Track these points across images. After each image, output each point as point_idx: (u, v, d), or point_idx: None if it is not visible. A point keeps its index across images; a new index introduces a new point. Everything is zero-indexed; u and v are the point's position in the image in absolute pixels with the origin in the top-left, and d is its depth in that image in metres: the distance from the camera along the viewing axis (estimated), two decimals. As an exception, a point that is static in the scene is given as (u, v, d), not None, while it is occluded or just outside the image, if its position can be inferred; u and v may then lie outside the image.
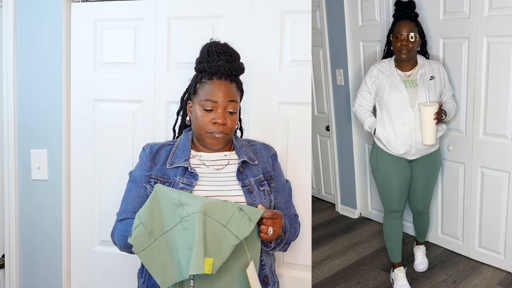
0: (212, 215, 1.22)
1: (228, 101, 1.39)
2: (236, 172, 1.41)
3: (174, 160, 1.41)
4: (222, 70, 1.39)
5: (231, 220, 1.23)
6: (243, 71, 1.47)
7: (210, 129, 1.38)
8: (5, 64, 1.93)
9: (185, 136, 1.49)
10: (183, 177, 1.37)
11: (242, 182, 1.40)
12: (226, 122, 1.38)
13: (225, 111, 1.39)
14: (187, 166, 1.39)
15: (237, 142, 1.50)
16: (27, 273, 1.99)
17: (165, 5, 1.80)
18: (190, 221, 1.20)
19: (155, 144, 1.49)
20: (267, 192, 1.44)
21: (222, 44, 1.44)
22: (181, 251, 1.23)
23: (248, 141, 1.56)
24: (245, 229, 1.23)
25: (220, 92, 1.38)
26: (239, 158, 1.44)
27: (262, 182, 1.44)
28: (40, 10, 1.90)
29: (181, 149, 1.44)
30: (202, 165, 1.43)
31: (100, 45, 1.89)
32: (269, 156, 1.53)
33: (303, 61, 1.71)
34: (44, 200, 1.94)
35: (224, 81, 1.40)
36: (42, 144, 1.93)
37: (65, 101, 1.91)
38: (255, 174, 1.44)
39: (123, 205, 1.43)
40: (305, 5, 1.68)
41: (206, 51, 1.43)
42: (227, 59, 1.41)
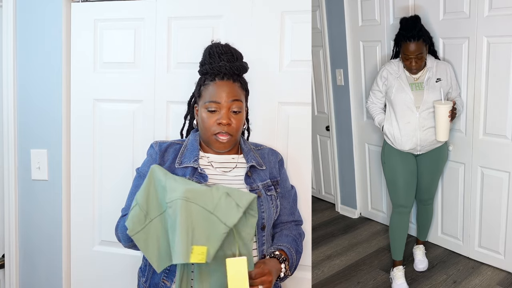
0: (196, 201, 1.17)
1: (231, 101, 1.38)
2: (244, 176, 1.41)
3: (183, 160, 1.41)
4: (224, 70, 1.39)
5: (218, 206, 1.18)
6: (246, 70, 1.47)
7: (215, 130, 1.37)
8: (5, 64, 1.93)
9: (193, 137, 1.48)
10: (192, 177, 1.37)
11: (250, 186, 1.39)
12: (231, 122, 1.37)
13: (229, 111, 1.38)
14: (196, 166, 1.39)
15: (245, 145, 1.50)
16: (27, 273, 1.99)
17: (165, 5, 1.80)
18: (173, 207, 1.18)
19: (163, 142, 1.48)
20: (274, 197, 1.44)
21: (223, 45, 1.44)
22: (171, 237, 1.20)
23: (255, 145, 1.55)
24: (233, 215, 1.18)
25: (223, 92, 1.38)
26: (247, 162, 1.44)
27: (270, 187, 1.44)
28: (40, 10, 1.90)
29: (190, 149, 1.44)
30: (210, 166, 1.42)
31: (100, 45, 1.89)
32: (276, 161, 1.53)
33: (303, 61, 1.71)
34: (44, 200, 1.94)
35: (227, 81, 1.39)
36: (42, 144, 1.93)
37: (65, 101, 1.91)
38: (262, 178, 1.44)
39: (129, 200, 1.43)
40: (305, 5, 1.68)
41: (207, 53, 1.43)
42: (229, 59, 1.41)
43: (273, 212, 1.42)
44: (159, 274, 1.34)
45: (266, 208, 1.38)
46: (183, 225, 1.15)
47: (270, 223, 1.42)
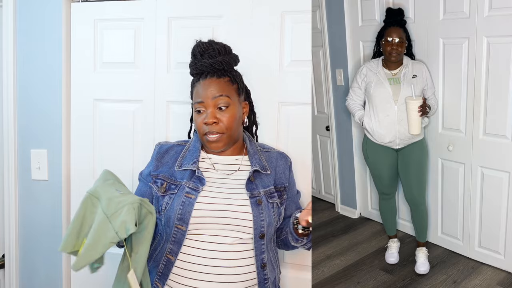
0: (101, 201, 1.17)
1: (215, 98, 1.34)
2: (246, 181, 1.37)
3: (183, 163, 1.39)
4: (204, 68, 1.36)
5: (117, 213, 1.15)
6: (235, 63, 1.43)
7: (204, 130, 1.35)
8: (5, 64, 1.93)
9: (196, 137, 1.46)
10: (189, 181, 1.35)
11: (251, 193, 1.35)
12: (217, 120, 1.34)
13: (215, 109, 1.35)
14: (195, 169, 1.36)
15: (252, 147, 1.46)
16: (27, 273, 1.99)
17: (165, 5, 1.80)
18: (83, 198, 1.21)
19: (166, 144, 1.47)
20: (276, 205, 1.40)
21: (206, 42, 1.41)
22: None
23: (263, 147, 1.51)
24: (127, 227, 1.14)
25: (206, 91, 1.35)
26: (251, 166, 1.40)
27: (272, 194, 1.40)
28: (40, 10, 1.90)
29: (191, 151, 1.42)
30: (212, 168, 1.40)
31: (100, 45, 1.89)
32: (286, 167, 1.49)
33: (303, 61, 1.71)
34: (44, 200, 1.94)
35: (210, 78, 1.36)
36: (42, 144, 1.93)
37: (65, 101, 1.91)
38: (265, 185, 1.40)
39: None
40: (305, 5, 1.68)
41: (192, 53, 1.41)
42: (210, 55, 1.37)
43: (274, 220, 1.38)
44: (152, 276, 1.34)
45: (266, 216, 1.35)
46: (77, 218, 1.18)
47: (270, 231, 1.38)
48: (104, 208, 1.16)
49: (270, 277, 1.38)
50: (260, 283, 1.35)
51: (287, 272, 1.75)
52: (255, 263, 1.34)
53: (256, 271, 1.34)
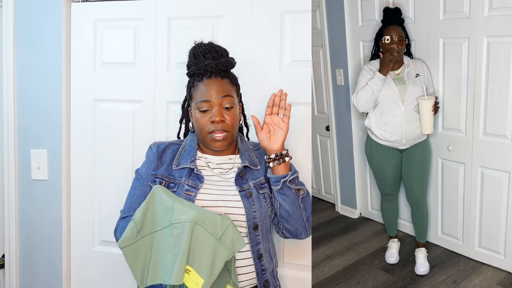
0: (206, 226, 1.19)
1: (222, 97, 1.37)
2: (236, 177, 1.40)
3: (180, 161, 1.41)
4: (210, 68, 1.38)
5: (226, 234, 1.20)
6: (233, 65, 1.46)
7: (210, 128, 1.37)
8: (5, 64, 1.93)
9: (191, 137, 1.48)
10: (188, 178, 1.37)
11: (241, 187, 1.39)
12: (224, 119, 1.37)
13: (221, 108, 1.37)
14: (193, 167, 1.38)
15: (242, 145, 1.49)
16: (27, 273, 1.99)
17: (165, 5, 1.80)
18: (180, 228, 1.19)
19: (162, 143, 1.48)
20: (268, 195, 1.42)
21: (207, 43, 1.44)
22: (164, 256, 1.22)
23: (254, 145, 1.54)
24: (238, 244, 1.21)
25: (212, 90, 1.37)
26: (241, 162, 1.43)
27: (263, 185, 1.42)
28: (40, 10, 1.90)
29: (188, 150, 1.44)
30: (207, 167, 1.42)
31: (100, 45, 1.89)
32: None
33: (303, 61, 1.71)
34: (44, 200, 1.94)
35: (215, 78, 1.39)
36: (42, 144, 1.93)
37: (65, 101, 1.91)
38: (255, 177, 1.43)
39: (128, 203, 1.43)
40: (305, 5, 1.68)
41: (192, 54, 1.43)
42: (214, 56, 1.40)
43: (267, 210, 1.40)
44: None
45: (258, 207, 1.37)
46: (186, 248, 1.17)
47: (264, 222, 1.40)
48: (210, 231, 1.20)
49: (267, 267, 1.40)
50: (258, 273, 1.38)
51: (287, 272, 1.75)
52: (251, 255, 1.37)
53: (254, 262, 1.37)
